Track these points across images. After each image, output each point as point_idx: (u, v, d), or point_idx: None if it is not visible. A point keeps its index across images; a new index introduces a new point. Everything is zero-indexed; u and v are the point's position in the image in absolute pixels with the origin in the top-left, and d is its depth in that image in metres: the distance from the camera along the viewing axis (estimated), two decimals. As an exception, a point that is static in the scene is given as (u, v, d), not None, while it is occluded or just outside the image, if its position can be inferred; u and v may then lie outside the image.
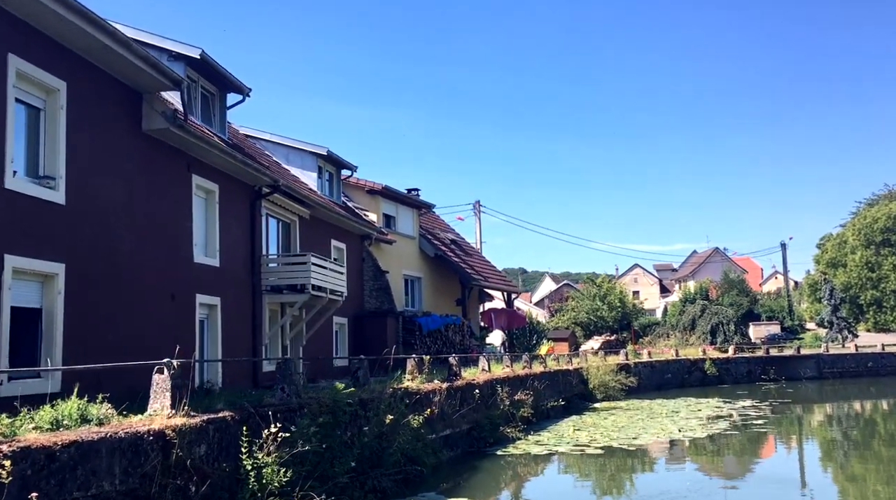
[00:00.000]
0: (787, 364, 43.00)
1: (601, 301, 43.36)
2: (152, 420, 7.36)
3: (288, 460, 8.39)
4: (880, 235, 53.73)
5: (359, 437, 10.51)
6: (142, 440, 6.86)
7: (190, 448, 7.46)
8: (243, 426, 8.28)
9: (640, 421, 21.33)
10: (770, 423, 21.73)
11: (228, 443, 8.22)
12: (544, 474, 14.92)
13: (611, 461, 15.29)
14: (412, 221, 30.30)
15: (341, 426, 10.04)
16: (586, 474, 14.72)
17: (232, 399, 9.48)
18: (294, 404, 9.81)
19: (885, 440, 19.64)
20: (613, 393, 29.83)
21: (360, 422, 11.00)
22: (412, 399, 13.01)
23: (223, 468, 7.89)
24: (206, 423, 7.85)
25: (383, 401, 11.80)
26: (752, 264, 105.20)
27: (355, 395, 11.19)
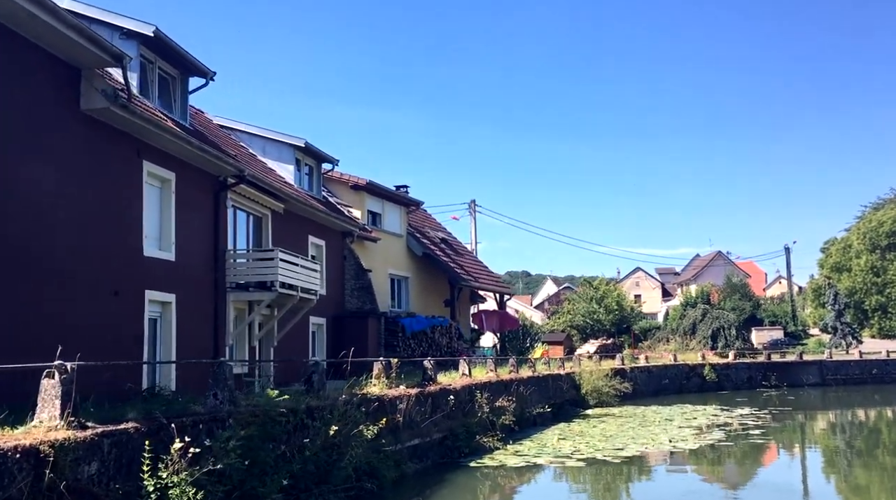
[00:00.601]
0: (788, 370, 41.79)
1: (598, 304, 42.16)
2: (29, 434, 6.26)
3: (202, 479, 7.29)
4: (886, 240, 52.45)
5: (301, 450, 9.40)
6: (5, 458, 5.76)
7: (75, 467, 6.36)
8: (148, 439, 7.17)
9: (630, 430, 20.18)
10: (768, 433, 20.57)
11: (130, 460, 7.12)
12: (519, 489, 13.80)
13: (594, 474, 14.17)
14: (399, 219, 29.22)
15: (276, 437, 8.92)
16: (562, 489, 13.60)
17: (151, 407, 8.37)
18: (224, 412, 8.71)
19: (890, 450, 19.07)
20: (607, 399, 28.68)
21: (306, 433, 9.89)
22: (371, 407, 11.89)
23: (118, 489, 6.78)
24: (99, 437, 6.75)
25: (336, 409, 10.71)
26: (756, 269, 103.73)
27: (301, 402, 10.08)
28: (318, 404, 10.63)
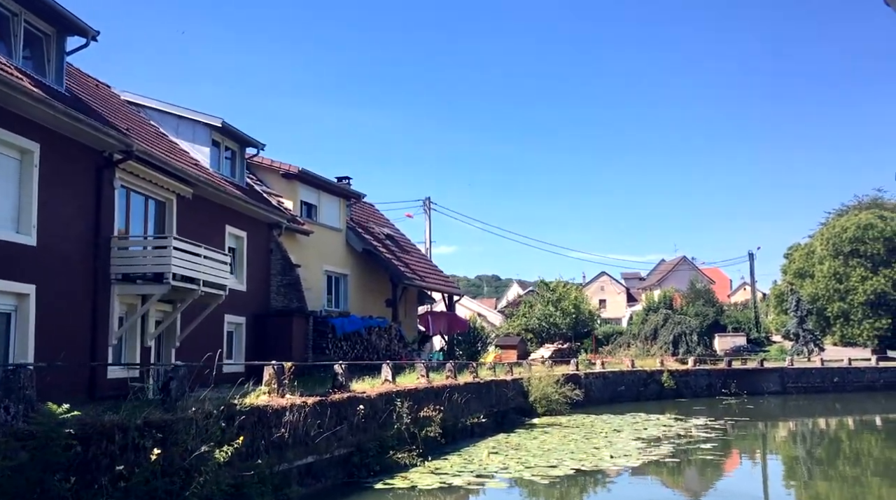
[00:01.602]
0: (749, 378, 40.59)
1: (554, 307, 40.46)
2: None
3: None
4: (849, 246, 51.58)
5: (121, 478, 7.42)
6: None
7: None
8: None
9: (572, 443, 18.43)
10: (719, 448, 18.93)
11: None
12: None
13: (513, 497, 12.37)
14: (338, 212, 27.24)
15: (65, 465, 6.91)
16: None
17: None
18: (9, 430, 6.70)
19: (850, 459, 18.79)
20: (556, 407, 26.97)
21: (138, 456, 7.91)
22: (242, 420, 9.92)
23: None
24: None
25: (194, 424, 8.75)
26: (721, 275, 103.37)
27: (135, 417, 8.09)
28: (167, 419, 8.65)
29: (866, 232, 51.10)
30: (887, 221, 52.01)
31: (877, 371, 44.19)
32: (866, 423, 30.20)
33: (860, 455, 20.07)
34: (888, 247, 50.96)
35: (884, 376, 44.00)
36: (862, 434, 26.12)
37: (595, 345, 57.47)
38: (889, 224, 51.55)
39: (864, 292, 50.30)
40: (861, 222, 51.71)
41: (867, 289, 50.23)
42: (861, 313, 51.11)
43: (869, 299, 50.28)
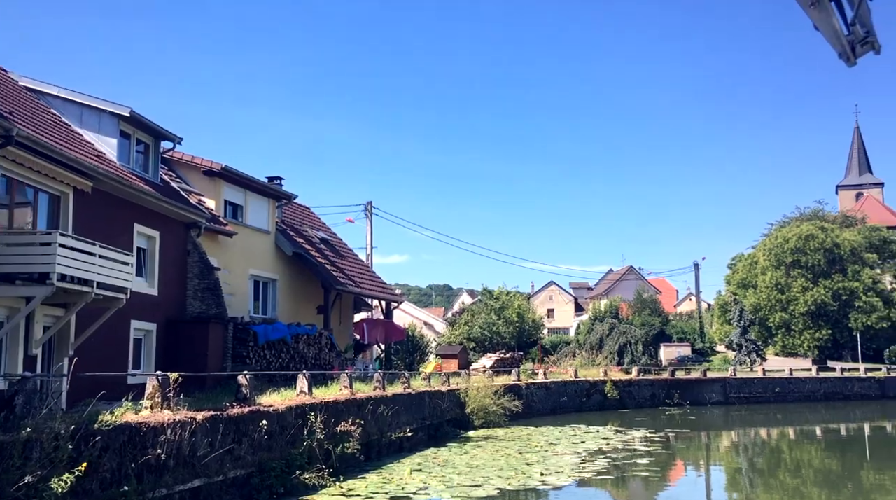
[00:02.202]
0: (692, 388, 40.24)
1: (496, 315, 39.44)
2: None
3: None
4: (790, 257, 52.08)
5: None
6: None
7: None
8: None
9: (503, 458, 17.35)
10: (656, 464, 18.04)
11: None
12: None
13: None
14: (267, 213, 25.76)
15: None
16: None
17: None
18: None
19: (791, 470, 18.78)
20: (494, 419, 25.92)
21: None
22: (97, 442, 8.51)
23: None
24: None
25: (42, 446, 7.35)
26: (668, 286, 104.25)
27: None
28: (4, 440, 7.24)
29: (807, 243, 51.64)
30: (827, 232, 52.67)
31: (817, 382, 44.36)
32: (807, 433, 30.07)
33: (800, 465, 19.97)
34: (828, 258, 51.57)
35: (824, 387, 44.20)
36: (802, 444, 26.05)
37: (542, 354, 56.83)
38: (829, 235, 52.20)
39: (805, 302, 50.75)
40: (802, 233, 52.24)
41: (808, 300, 50.69)
42: (802, 324, 51.54)
43: (810, 309, 50.74)
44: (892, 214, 71.04)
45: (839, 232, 53.72)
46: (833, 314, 50.82)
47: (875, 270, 52.53)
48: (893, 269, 53.51)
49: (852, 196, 78.38)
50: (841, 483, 16.26)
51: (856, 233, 54.18)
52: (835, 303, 50.42)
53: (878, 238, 54.16)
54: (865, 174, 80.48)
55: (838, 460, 21.29)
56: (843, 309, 50.46)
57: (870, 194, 76.72)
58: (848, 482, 16.43)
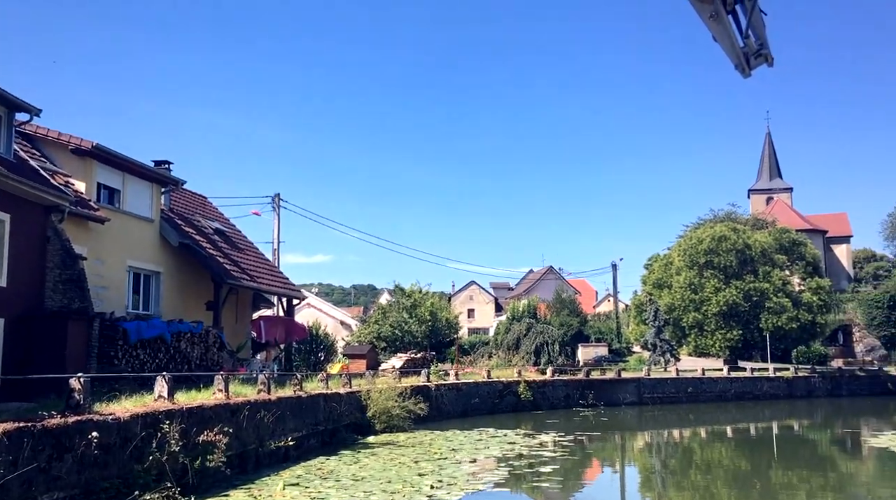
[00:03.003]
0: (606, 389, 39.70)
1: (408, 313, 37.80)
2: None
3: None
4: (704, 257, 52.47)
5: None
6: None
7: None
8: None
9: (395, 468, 15.76)
10: (559, 472, 16.73)
11: None
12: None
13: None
14: (150, 199, 23.41)
15: None
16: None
17: None
18: None
19: (702, 469, 18.90)
20: (398, 423, 24.31)
21: None
22: None
23: None
24: None
25: None
26: (588, 287, 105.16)
27: None
28: None
29: (720, 244, 52.14)
30: (739, 233, 53.35)
31: (728, 382, 44.69)
32: (718, 433, 30.08)
33: (711, 465, 20.06)
34: (740, 259, 52.21)
35: (734, 386, 44.57)
36: (713, 444, 25.98)
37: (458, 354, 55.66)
38: (741, 237, 52.87)
39: (718, 303, 51.20)
40: (715, 234, 52.73)
41: (720, 300, 51.16)
42: (714, 324, 52.00)
43: (722, 310, 51.22)
44: (800, 218, 73.18)
45: (751, 234, 54.54)
46: (744, 315, 51.45)
47: (784, 271, 53.53)
48: (802, 271, 54.64)
49: (763, 200, 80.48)
50: (749, 482, 16.41)
51: (766, 235, 55.16)
52: (746, 304, 51.03)
53: (787, 240, 55.26)
54: (776, 179, 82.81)
55: (747, 459, 21.31)
56: (754, 310, 51.15)
57: (779, 199, 78.91)
58: (756, 480, 16.60)
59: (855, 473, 18.69)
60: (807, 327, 51.52)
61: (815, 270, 55.29)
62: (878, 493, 15.15)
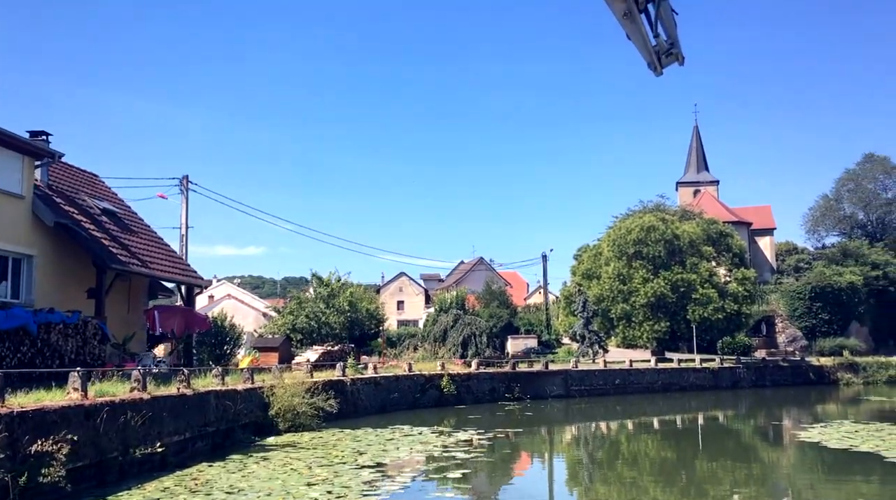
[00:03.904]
0: (533, 381, 38.46)
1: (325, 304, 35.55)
2: None
3: None
4: (633, 247, 51.97)
5: None
6: None
7: None
8: None
9: (284, 476, 13.78)
10: (469, 477, 14.94)
11: None
12: None
13: None
14: (20, 174, 20.62)
15: None
16: None
17: None
18: None
19: (628, 461, 18.75)
20: (305, 421, 22.28)
21: None
22: None
23: None
24: None
25: None
26: (519, 279, 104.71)
27: None
28: None
29: (649, 234, 51.69)
30: (668, 223, 53.06)
31: (656, 373, 44.21)
32: (644, 425, 29.70)
33: (638, 457, 19.88)
34: (668, 250, 51.90)
35: (661, 378, 44.13)
36: (640, 436, 25.62)
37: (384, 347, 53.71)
38: (669, 227, 52.57)
39: (646, 294, 50.76)
40: (644, 225, 52.27)
41: (648, 291, 50.72)
42: (642, 315, 51.56)
43: (650, 301, 50.80)
44: (727, 210, 73.91)
45: (679, 224, 54.34)
46: (672, 306, 51.17)
47: (711, 262, 53.50)
48: (728, 262, 54.75)
49: (690, 192, 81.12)
50: (675, 474, 16.56)
51: (694, 225, 55.05)
52: (673, 295, 50.73)
53: (714, 231, 55.30)
54: (703, 172, 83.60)
55: (674, 451, 21.19)
56: (681, 301, 50.91)
57: (706, 191, 79.64)
58: (682, 472, 16.78)
59: (777, 463, 18.91)
60: (732, 318, 51.60)
61: (741, 261, 55.54)
62: (798, 483, 15.58)
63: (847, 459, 17.50)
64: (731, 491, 14.28)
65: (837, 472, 16.23)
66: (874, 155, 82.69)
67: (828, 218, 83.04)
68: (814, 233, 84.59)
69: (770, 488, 14.98)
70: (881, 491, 13.87)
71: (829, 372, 54.45)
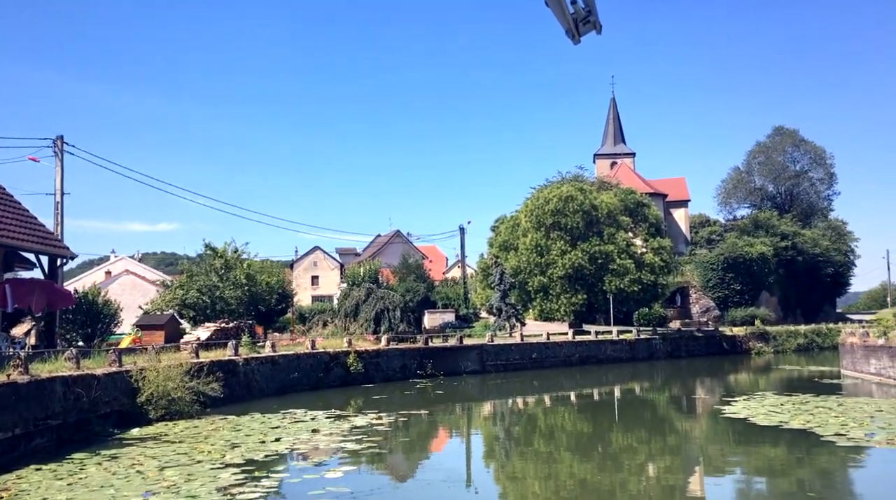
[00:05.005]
0: (447, 357, 36.62)
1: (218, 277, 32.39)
2: None
3: None
4: (551, 218, 50.63)
5: None
6: None
7: None
8: None
9: (119, 482, 11.16)
10: (347, 482, 12.60)
11: None
12: None
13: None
14: None
15: None
16: None
17: None
18: None
19: (545, 436, 18.61)
20: (182, 408, 19.59)
21: None
22: None
23: None
24: None
25: None
26: (438, 253, 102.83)
27: None
28: None
29: (567, 204, 50.42)
30: (586, 194, 51.95)
31: (573, 346, 43.21)
32: (561, 399, 29.00)
33: (554, 431, 19.68)
34: (586, 220, 50.81)
35: (579, 351, 43.18)
36: (557, 410, 24.95)
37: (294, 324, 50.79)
38: (588, 197, 51.46)
39: (563, 265, 49.59)
40: (562, 194, 50.97)
41: (566, 263, 49.57)
42: (560, 288, 50.42)
43: (567, 272, 49.67)
44: (643, 181, 73.82)
45: (597, 194, 53.33)
46: (589, 277, 50.21)
47: (629, 233, 52.78)
48: (645, 232, 54.18)
49: (608, 164, 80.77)
50: (591, 447, 16.44)
51: (612, 196, 54.17)
52: (591, 266, 49.74)
53: (632, 201, 54.60)
54: (620, 144, 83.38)
55: (590, 424, 21.02)
56: (599, 272, 50.00)
57: (623, 163, 79.44)
58: (599, 445, 16.67)
59: (690, 434, 18.99)
60: (649, 289, 51.11)
61: (658, 231, 55.13)
62: (710, 451, 15.91)
63: (757, 428, 17.22)
64: (647, 462, 14.47)
65: (747, 440, 16.30)
66: (783, 128, 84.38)
67: (739, 190, 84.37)
68: (726, 205, 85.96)
69: (683, 457, 15.26)
70: (787, 456, 14.24)
71: (741, 342, 55.02)
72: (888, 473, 12.61)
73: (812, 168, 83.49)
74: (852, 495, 11.75)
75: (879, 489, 11.68)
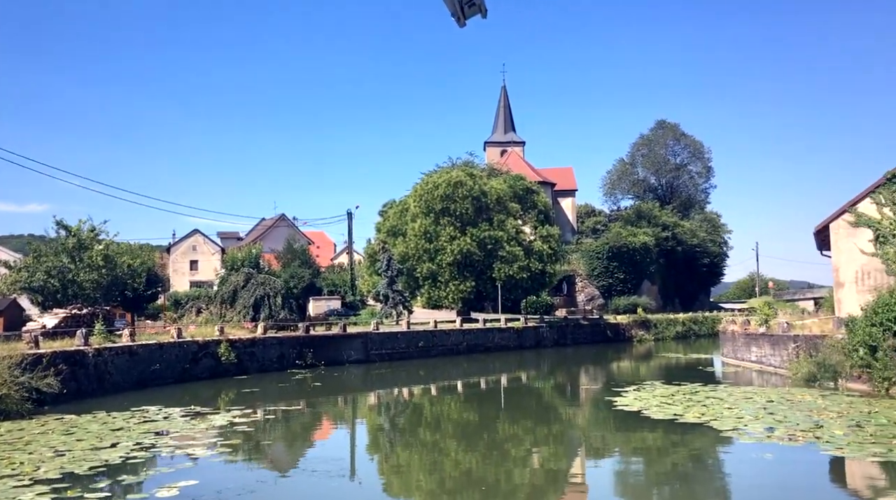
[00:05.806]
0: (329, 346, 34.71)
1: (70, 258, 28.99)
2: None
3: None
4: (440, 204, 49.46)
5: None
6: None
7: None
8: None
9: None
10: (185, 494, 10.70)
11: None
12: None
13: None
14: None
15: None
16: None
17: None
18: None
19: (431, 426, 18.31)
20: (10, 407, 16.90)
21: None
22: None
23: None
24: None
25: None
26: (326, 239, 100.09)
27: None
28: None
29: (457, 190, 49.37)
30: (476, 179, 51.09)
31: (461, 334, 42.30)
32: (448, 388, 27.89)
33: (440, 421, 19.36)
34: (476, 206, 49.96)
35: (467, 339, 42.34)
36: (443, 400, 24.23)
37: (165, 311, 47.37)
38: (478, 183, 50.62)
39: (452, 252, 48.56)
40: (452, 180, 49.88)
41: (455, 249, 48.56)
42: (448, 274, 49.39)
43: (456, 259, 48.70)
44: (532, 170, 74.06)
45: (487, 180, 52.61)
46: (478, 265, 49.45)
47: (518, 219, 52.39)
48: (534, 219, 54.00)
49: (498, 152, 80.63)
50: (477, 436, 16.20)
51: (502, 182, 53.62)
52: (480, 253, 48.97)
53: (521, 188, 54.24)
54: (510, 133, 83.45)
55: (476, 413, 20.72)
56: (488, 259, 49.32)
57: (513, 151, 79.51)
58: (484, 434, 16.49)
59: (573, 421, 19.15)
60: (537, 277, 50.96)
61: (547, 218, 55.09)
62: (592, 436, 16.41)
63: (638, 416, 17.14)
64: (531, 450, 14.43)
65: (627, 426, 16.46)
66: (665, 121, 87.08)
67: (623, 181, 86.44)
68: (611, 196, 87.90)
69: (566, 444, 15.50)
70: (664, 439, 14.54)
71: (624, 330, 56.07)
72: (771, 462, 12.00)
73: (691, 161, 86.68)
74: (721, 473, 12.18)
75: (746, 469, 11.86)
